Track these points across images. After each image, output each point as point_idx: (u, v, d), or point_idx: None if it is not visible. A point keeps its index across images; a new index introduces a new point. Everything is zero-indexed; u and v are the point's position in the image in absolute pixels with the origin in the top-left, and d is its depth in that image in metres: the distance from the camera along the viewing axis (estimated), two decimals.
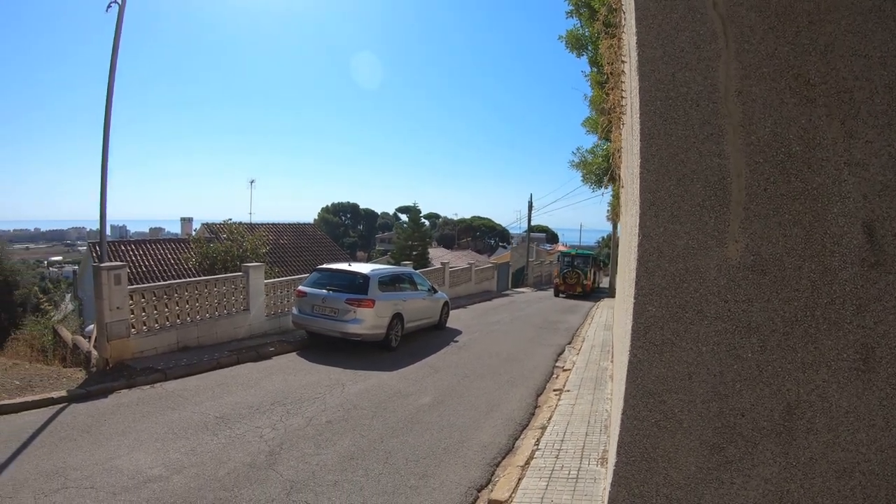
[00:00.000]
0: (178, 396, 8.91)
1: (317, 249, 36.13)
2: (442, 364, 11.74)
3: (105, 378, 9.75)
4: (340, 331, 12.24)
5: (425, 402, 8.91)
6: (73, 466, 6.11)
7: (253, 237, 20.38)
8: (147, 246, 29.17)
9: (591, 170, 17.10)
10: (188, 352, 11.81)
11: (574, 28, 13.21)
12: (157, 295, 11.74)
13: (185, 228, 40.63)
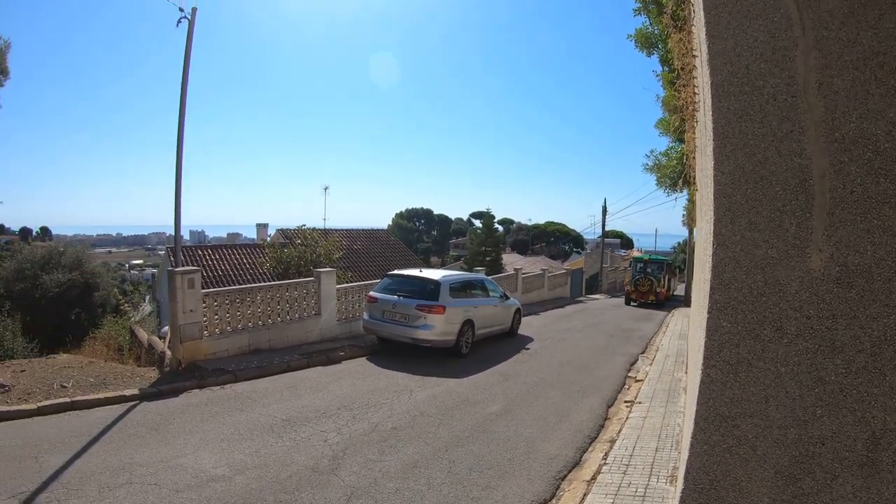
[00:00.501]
0: (247, 398, 9.21)
1: (390, 255, 36.63)
2: (512, 372, 11.69)
3: (177, 378, 10.20)
4: (410, 336, 12.41)
5: (493, 411, 8.87)
6: (139, 463, 6.41)
7: (327, 243, 20.77)
8: (224, 251, 30.36)
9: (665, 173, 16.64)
10: (259, 354, 12.18)
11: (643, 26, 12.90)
12: (230, 299, 12.20)
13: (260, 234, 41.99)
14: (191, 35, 11.99)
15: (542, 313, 23.55)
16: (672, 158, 16.13)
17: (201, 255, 28.29)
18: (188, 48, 12.00)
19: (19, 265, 25.85)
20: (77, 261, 26.31)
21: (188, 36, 11.97)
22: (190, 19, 11.90)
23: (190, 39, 12.01)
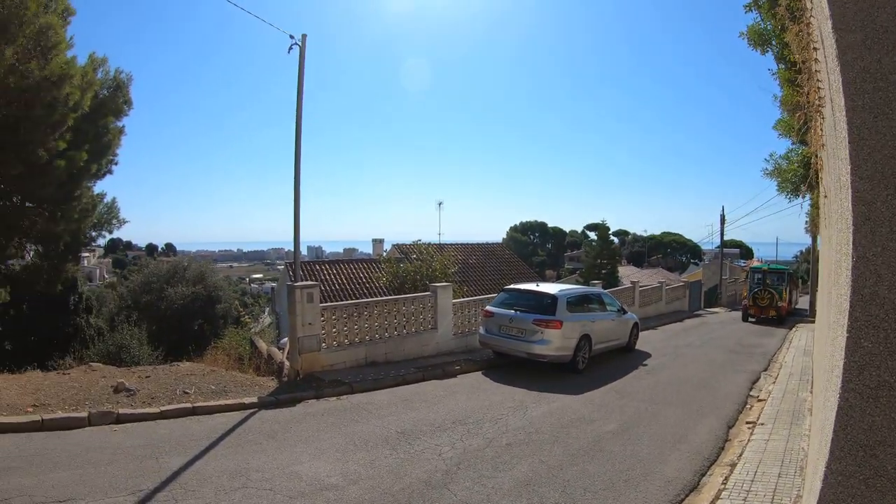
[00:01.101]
0: (363, 409, 9.56)
1: (505, 269, 36.88)
2: (629, 389, 11.56)
3: (295, 388, 10.76)
4: (527, 351, 12.53)
5: (609, 430, 8.76)
6: (255, 468, 6.79)
7: (442, 257, 21.16)
8: (341, 265, 31.69)
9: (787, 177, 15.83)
10: (375, 367, 12.61)
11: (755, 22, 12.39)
12: (348, 313, 12.78)
13: (376, 249, 43.38)
14: (302, 60, 12.92)
15: (659, 328, 23.40)
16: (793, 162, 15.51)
17: (319, 270, 29.58)
18: (300, 72, 12.94)
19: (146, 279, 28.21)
20: (200, 275, 28.37)
21: (300, 61, 12.93)
22: (300, 45, 12.82)
23: (302, 64, 12.95)
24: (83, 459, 6.89)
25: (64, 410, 8.63)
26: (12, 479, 6.16)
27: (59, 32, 11.34)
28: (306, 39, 12.85)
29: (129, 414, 8.62)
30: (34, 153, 11.33)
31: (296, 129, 12.89)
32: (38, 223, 13.37)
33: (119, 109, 14.91)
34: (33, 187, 12.34)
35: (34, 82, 10.59)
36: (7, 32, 10.03)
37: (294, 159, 12.81)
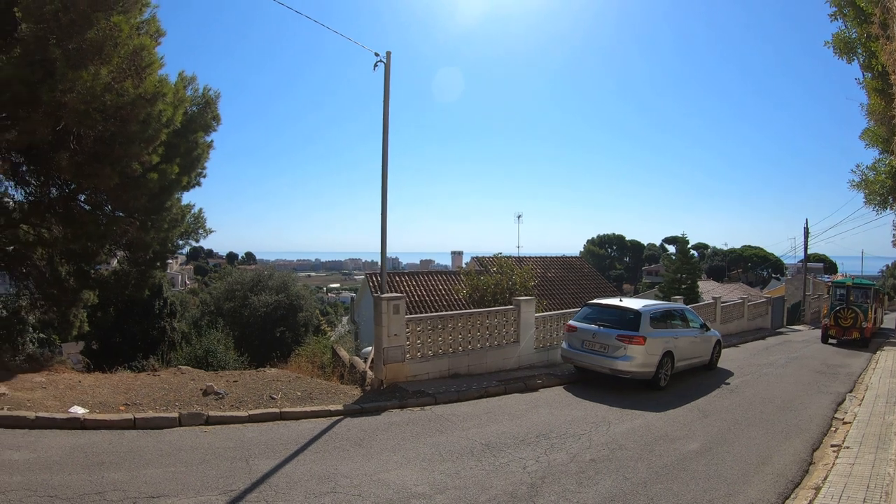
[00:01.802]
0: (447, 421, 9.60)
1: (584, 283, 36.74)
2: (711, 408, 11.33)
3: (379, 397, 10.89)
4: (609, 367, 12.46)
5: (692, 449, 8.60)
6: (343, 474, 6.88)
7: (521, 270, 21.11)
8: (420, 277, 32.07)
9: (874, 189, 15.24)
10: (458, 379, 12.68)
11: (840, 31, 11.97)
12: (432, 325, 12.95)
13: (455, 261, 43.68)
14: (387, 76, 13.23)
15: (741, 345, 22.98)
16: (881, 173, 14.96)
17: (399, 282, 29.92)
18: (386, 88, 13.27)
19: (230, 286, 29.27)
20: (283, 284, 29.27)
21: (385, 77, 13.24)
22: (385, 62, 13.14)
23: (387, 80, 13.27)
24: (174, 458, 7.13)
25: (155, 410, 8.98)
26: (106, 474, 6.43)
27: (151, 53, 11.84)
28: (391, 56, 13.15)
29: (219, 416, 8.88)
30: (129, 166, 11.84)
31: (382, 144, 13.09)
32: (129, 232, 13.94)
33: (208, 125, 15.48)
34: (127, 198, 12.89)
35: (129, 100, 11.07)
36: (102, 53, 10.51)
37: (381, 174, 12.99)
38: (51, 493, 5.79)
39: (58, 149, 11.59)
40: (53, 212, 13.63)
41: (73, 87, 10.02)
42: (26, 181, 14.09)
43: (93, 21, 10.10)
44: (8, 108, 10.20)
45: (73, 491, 5.90)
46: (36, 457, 6.88)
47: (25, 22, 9.82)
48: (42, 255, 15.93)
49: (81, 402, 9.18)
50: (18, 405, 8.66)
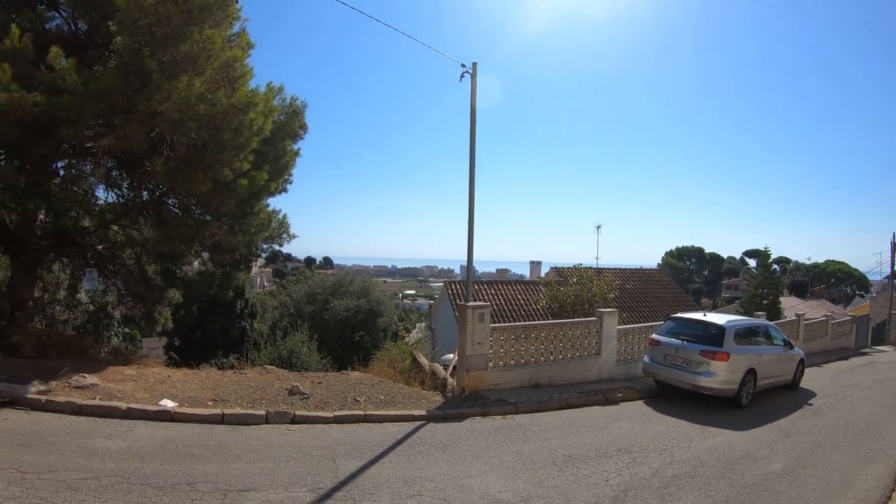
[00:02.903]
0: (528, 430, 9.65)
1: (662, 295, 36.23)
2: (793, 429, 11.04)
3: (461, 404, 11.03)
4: (691, 383, 12.32)
5: (775, 469, 8.40)
6: (427, 478, 7.00)
7: (600, 282, 20.99)
8: (498, 286, 32.21)
9: None
10: (539, 389, 12.71)
11: None
12: (516, 334, 13.06)
13: (533, 271, 43.51)
14: (474, 87, 13.34)
15: (824, 365, 22.35)
16: None
17: (476, 290, 30.00)
18: (473, 99, 13.40)
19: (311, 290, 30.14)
20: (364, 289, 29.98)
21: (472, 88, 13.37)
22: (471, 73, 13.30)
23: (473, 91, 13.38)
24: (262, 454, 7.43)
25: (242, 407, 9.36)
26: (197, 466, 6.76)
27: (243, 64, 12.47)
28: (477, 67, 13.26)
29: (305, 416, 9.19)
30: (221, 172, 12.39)
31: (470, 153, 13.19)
32: (216, 235, 14.58)
33: (295, 133, 16.06)
34: (217, 203, 13.46)
35: (222, 109, 11.60)
36: (196, 65, 11.09)
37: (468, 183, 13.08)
38: (143, 482, 6.12)
39: (152, 155, 12.23)
40: (145, 214, 14.35)
41: (169, 96, 10.58)
42: (117, 185, 14.87)
43: (186, 34, 10.66)
44: (104, 116, 10.80)
45: (164, 480, 6.22)
46: (128, 446, 7.29)
47: (120, 35, 10.36)
48: (131, 255, 16.83)
49: (171, 395, 9.63)
50: (110, 396, 9.20)
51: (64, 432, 7.60)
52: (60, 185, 12.95)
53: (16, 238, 14.01)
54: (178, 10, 10.33)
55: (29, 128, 10.31)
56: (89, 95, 10.10)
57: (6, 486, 5.69)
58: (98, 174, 13.96)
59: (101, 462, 6.60)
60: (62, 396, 8.85)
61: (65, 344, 12.76)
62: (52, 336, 13.14)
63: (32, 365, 10.79)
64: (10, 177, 11.06)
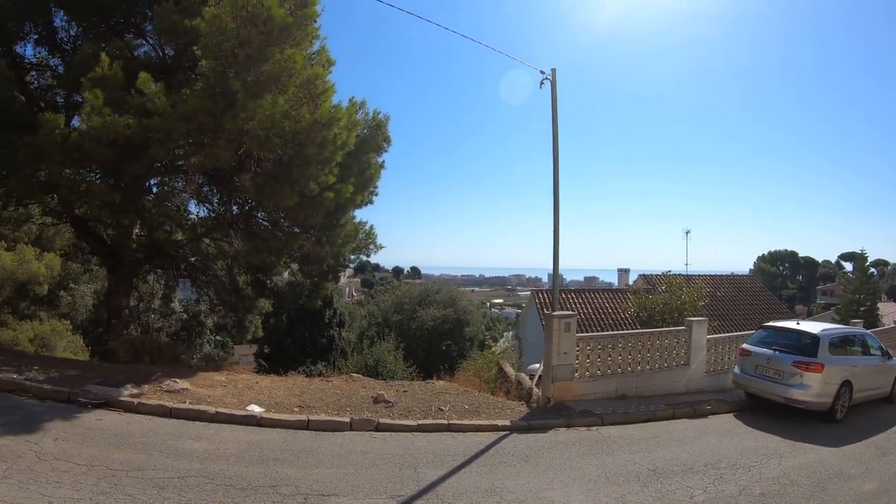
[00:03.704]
0: (613, 443, 9.46)
1: (754, 302, 34.70)
2: (890, 446, 10.33)
3: (546, 415, 10.93)
4: (783, 395, 11.75)
5: (868, 489, 7.90)
6: (508, 489, 6.97)
7: (690, 289, 20.42)
8: (585, 295, 31.88)
9: None
10: (625, 400, 12.43)
11: None
12: (602, 344, 12.82)
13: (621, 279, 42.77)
14: (554, 93, 13.39)
15: None
16: None
17: (564, 299, 29.77)
18: (553, 105, 13.46)
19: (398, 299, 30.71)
20: (451, 299, 30.34)
21: (552, 94, 13.43)
22: (551, 80, 13.32)
23: (554, 97, 13.44)
24: (345, 460, 7.58)
25: (327, 414, 9.60)
26: (281, 470, 6.97)
27: (325, 81, 12.86)
28: (556, 73, 13.25)
29: (388, 424, 9.32)
30: (307, 186, 12.85)
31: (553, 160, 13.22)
32: (305, 246, 15.11)
33: (379, 146, 16.48)
34: (305, 216, 13.96)
35: (306, 125, 12.04)
36: (279, 83, 11.56)
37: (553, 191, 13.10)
38: (227, 483, 6.36)
39: (240, 171, 12.79)
40: (235, 227, 14.97)
41: (254, 115, 11.05)
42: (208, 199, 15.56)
43: (268, 55, 11.10)
44: (193, 135, 11.37)
45: (247, 482, 6.44)
46: (214, 448, 7.59)
47: (205, 58, 10.96)
48: (222, 266, 17.69)
49: (258, 401, 9.96)
50: (199, 400, 9.60)
51: (153, 433, 7.98)
52: (153, 202, 13.69)
53: (112, 251, 15.01)
54: (258, 33, 10.78)
55: (122, 149, 11.01)
56: (178, 117, 10.68)
57: (96, 482, 6.00)
58: (189, 190, 14.70)
59: (187, 462, 6.89)
60: (154, 399, 9.30)
61: (158, 350, 13.48)
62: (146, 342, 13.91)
63: (127, 369, 11.49)
64: (106, 195, 11.81)
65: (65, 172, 11.73)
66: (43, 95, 14.82)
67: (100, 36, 13.53)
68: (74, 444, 7.17)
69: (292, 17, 11.45)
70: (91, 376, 10.52)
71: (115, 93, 10.78)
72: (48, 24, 14.09)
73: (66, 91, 13.90)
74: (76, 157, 11.15)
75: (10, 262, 19.67)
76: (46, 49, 14.72)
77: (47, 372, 10.62)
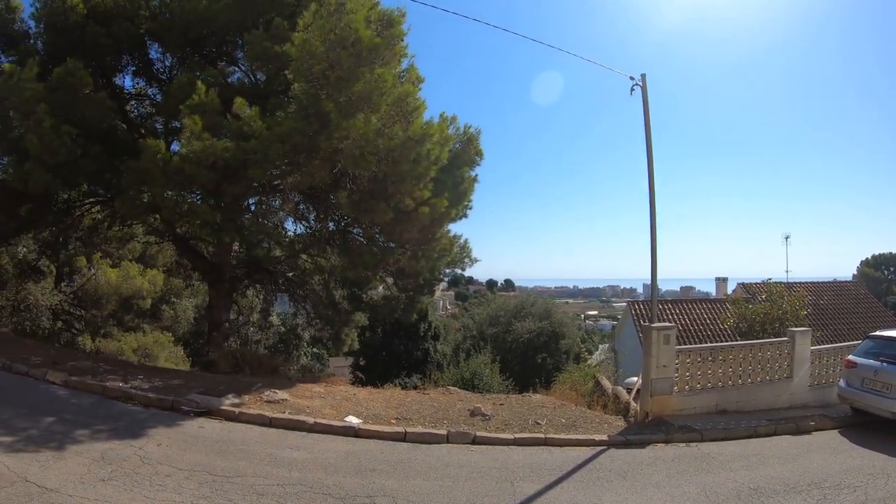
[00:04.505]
0: (713, 459, 9.10)
1: (859, 311, 32.55)
2: None
3: (644, 430, 10.66)
4: (890, 410, 10.93)
5: None
6: None
7: (791, 298, 19.51)
8: (682, 305, 31.06)
9: None
10: (725, 415, 11.93)
11: None
12: (702, 357, 12.37)
13: (719, 288, 41.40)
14: (645, 100, 13.08)
15: None
16: None
17: (660, 310, 28.98)
18: (645, 111, 13.13)
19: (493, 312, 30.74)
20: (546, 311, 30.24)
21: (643, 101, 13.11)
22: (641, 85, 13.02)
23: (645, 103, 13.12)
24: (442, 473, 7.59)
25: (424, 426, 9.65)
26: (378, 480, 7.05)
27: (416, 98, 13.12)
28: (646, 78, 12.98)
29: (485, 437, 9.28)
30: (402, 202, 13.16)
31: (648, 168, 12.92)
32: (400, 261, 15.36)
33: (471, 160, 16.60)
34: (400, 231, 14.22)
35: (399, 142, 12.30)
36: (371, 102, 11.85)
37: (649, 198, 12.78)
38: (325, 492, 6.49)
39: (336, 188, 13.14)
40: (332, 243, 15.39)
41: (348, 134, 11.36)
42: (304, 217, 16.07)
43: (358, 75, 11.43)
44: (289, 156, 11.84)
45: (345, 492, 6.55)
46: (313, 457, 7.77)
47: (297, 82, 11.43)
48: (319, 281, 18.28)
49: (356, 412, 10.11)
50: (298, 411, 9.83)
51: (253, 442, 8.25)
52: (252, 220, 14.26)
53: (213, 267, 15.84)
54: (347, 55, 11.14)
55: (221, 171, 11.64)
56: (274, 139, 11.17)
57: (198, 487, 6.27)
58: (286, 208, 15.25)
59: (286, 471, 7.09)
60: (254, 409, 9.62)
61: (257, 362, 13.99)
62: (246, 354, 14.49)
63: (227, 380, 11.97)
64: (207, 214, 12.41)
65: (167, 194, 12.46)
66: (143, 123, 16.10)
67: (194, 65, 14.36)
68: (177, 449, 7.52)
69: (379, 37, 11.77)
70: (193, 386, 11.02)
71: (213, 118, 11.40)
72: (144, 56, 15.20)
73: (164, 118, 14.87)
74: (178, 180, 11.85)
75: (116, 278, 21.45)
76: (144, 79, 15.95)
77: (151, 381, 11.20)
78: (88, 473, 6.34)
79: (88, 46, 13.13)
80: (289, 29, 12.16)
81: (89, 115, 12.47)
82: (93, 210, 17.28)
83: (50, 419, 8.27)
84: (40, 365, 11.26)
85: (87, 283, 21.77)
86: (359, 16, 11.09)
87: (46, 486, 5.84)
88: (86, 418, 8.53)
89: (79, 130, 11.97)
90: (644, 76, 12.95)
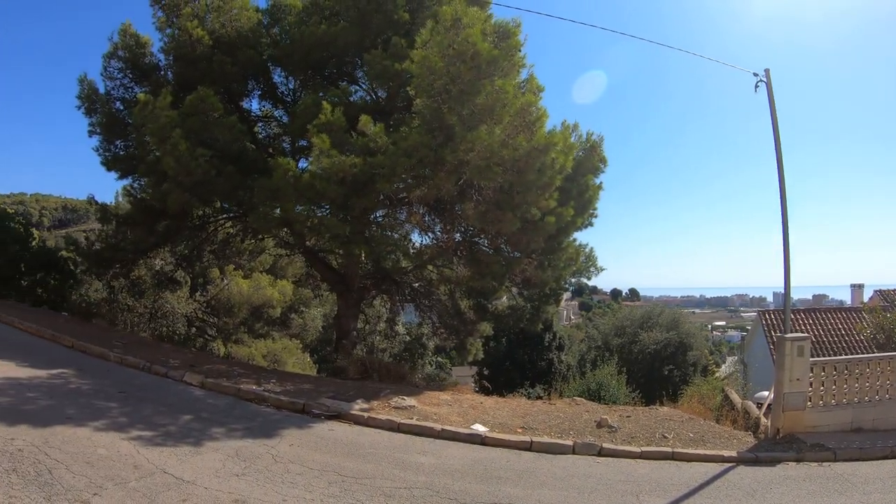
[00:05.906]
0: (846, 481, 8.53)
1: None
2: None
3: (774, 447, 10.17)
4: None
5: None
6: None
7: None
8: (815, 315, 29.44)
9: None
10: (860, 434, 11.11)
11: None
12: (837, 370, 11.54)
13: (855, 296, 38.79)
14: (771, 95, 12.48)
15: None
16: None
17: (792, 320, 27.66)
18: (772, 109, 12.49)
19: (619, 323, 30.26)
20: (673, 321, 29.43)
21: (769, 97, 12.51)
22: (766, 81, 12.43)
23: (771, 99, 12.52)
24: (567, 483, 7.56)
25: (550, 436, 9.61)
26: (503, 488, 7.10)
27: (538, 108, 13.16)
28: (770, 74, 12.41)
29: (611, 449, 9.15)
30: (528, 212, 13.19)
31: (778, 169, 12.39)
32: (526, 271, 15.38)
33: (595, 168, 16.44)
34: (526, 241, 14.27)
35: (524, 152, 12.33)
36: (493, 114, 11.97)
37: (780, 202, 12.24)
38: (451, 497, 6.60)
39: (461, 200, 13.38)
40: (458, 254, 15.61)
41: (473, 146, 11.56)
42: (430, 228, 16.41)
43: (479, 88, 11.56)
44: (415, 169, 12.16)
45: (470, 497, 6.65)
46: (440, 463, 7.92)
47: (419, 97, 11.74)
48: (445, 291, 18.59)
49: (482, 420, 10.20)
50: (426, 417, 10.03)
51: (382, 446, 8.50)
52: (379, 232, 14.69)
53: (342, 277, 16.50)
54: (467, 68, 11.30)
55: (349, 185, 12.13)
56: (400, 153, 11.53)
57: (327, 486, 6.54)
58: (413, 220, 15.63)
59: (413, 475, 7.26)
60: (382, 415, 9.89)
61: (384, 369, 14.38)
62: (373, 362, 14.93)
63: (356, 386, 12.37)
64: (337, 227, 12.98)
65: (298, 209, 13.08)
66: (271, 143, 17.19)
67: (316, 86, 15.13)
68: (308, 450, 7.86)
69: (497, 49, 11.91)
70: (323, 390, 11.52)
71: (339, 136, 11.93)
72: (268, 80, 16.20)
73: (291, 137, 15.79)
74: (308, 196, 12.42)
75: (247, 288, 22.92)
76: (270, 102, 17.05)
77: (283, 385, 11.73)
78: (223, 468, 6.74)
79: (216, 74, 14.06)
80: (406, 46, 12.54)
81: (221, 137, 13.30)
82: (226, 225, 18.53)
83: (187, 417, 8.85)
84: (178, 367, 12.04)
85: (220, 293, 23.44)
86: (475, 29, 11.25)
87: (183, 478, 6.25)
88: (221, 417, 9.07)
89: (212, 152, 12.78)
90: (768, 71, 12.42)
